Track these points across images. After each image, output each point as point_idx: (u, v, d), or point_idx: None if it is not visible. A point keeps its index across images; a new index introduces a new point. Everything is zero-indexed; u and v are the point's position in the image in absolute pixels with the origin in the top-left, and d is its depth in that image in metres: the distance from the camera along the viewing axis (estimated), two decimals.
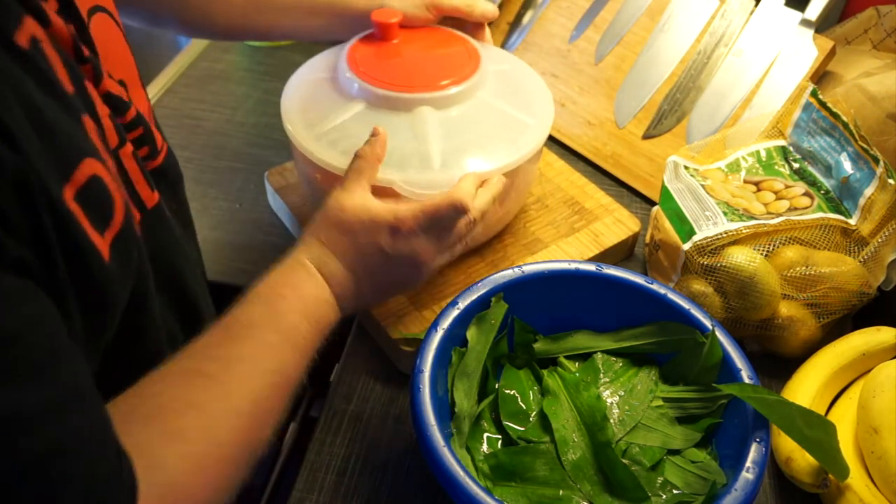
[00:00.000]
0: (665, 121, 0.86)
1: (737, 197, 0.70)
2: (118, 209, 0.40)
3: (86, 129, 0.39)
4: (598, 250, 0.73)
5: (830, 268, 0.64)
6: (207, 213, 0.83)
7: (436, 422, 0.49)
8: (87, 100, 0.41)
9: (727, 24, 0.86)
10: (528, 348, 0.61)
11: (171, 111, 0.99)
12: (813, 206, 0.69)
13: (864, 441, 0.56)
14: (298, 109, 0.66)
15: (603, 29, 0.93)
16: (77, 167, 0.36)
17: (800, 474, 0.55)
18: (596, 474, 0.54)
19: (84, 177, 0.36)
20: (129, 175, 0.46)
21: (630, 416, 0.58)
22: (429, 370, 0.52)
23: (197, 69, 1.08)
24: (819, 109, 0.72)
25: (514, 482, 0.53)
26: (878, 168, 0.66)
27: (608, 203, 0.78)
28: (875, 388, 0.56)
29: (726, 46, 0.85)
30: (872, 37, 0.88)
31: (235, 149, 0.93)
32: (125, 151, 0.45)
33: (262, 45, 1.13)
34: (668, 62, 0.88)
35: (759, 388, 0.52)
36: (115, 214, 0.39)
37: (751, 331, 0.66)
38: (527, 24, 0.99)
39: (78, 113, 0.38)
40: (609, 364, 0.61)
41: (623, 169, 0.87)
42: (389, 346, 0.65)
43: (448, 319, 0.55)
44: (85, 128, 0.39)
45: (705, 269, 0.65)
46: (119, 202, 0.40)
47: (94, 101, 0.42)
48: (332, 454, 0.60)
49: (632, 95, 0.89)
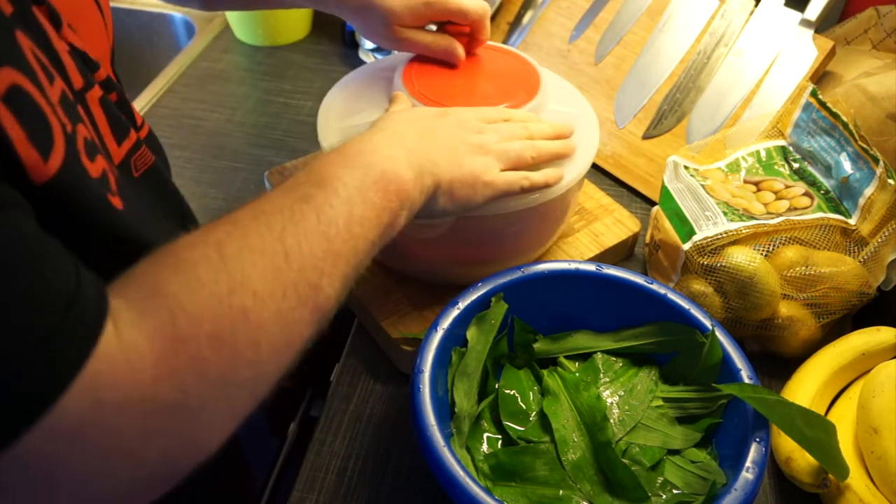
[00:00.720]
0: (665, 121, 0.86)
1: (737, 197, 0.70)
2: (57, 138, 0.36)
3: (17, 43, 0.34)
4: (598, 250, 0.73)
5: (830, 268, 0.64)
6: (207, 214, 0.83)
7: (436, 422, 0.49)
8: (31, 22, 0.37)
9: (727, 24, 0.86)
10: (528, 348, 0.61)
11: (171, 111, 0.99)
12: (813, 206, 0.69)
13: (864, 441, 0.56)
14: (340, 101, 0.66)
15: (603, 29, 0.93)
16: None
17: (800, 474, 0.55)
18: (596, 474, 0.54)
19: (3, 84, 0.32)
20: (95, 119, 0.43)
21: (630, 416, 0.58)
22: (429, 370, 0.52)
23: (197, 69, 1.08)
24: (819, 109, 0.72)
25: (514, 482, 0.53)
26: (877, 168, 0.66)
27: (608, 203, 0.78)
28: (875, 388, 0.56)
29: (726, 46, 0.85)
30: (872, 37, 0.88)
31: (235, 149, 0.93)
32: (92, 95, 0.43)
33: (262, 45, 1.14)
34: (668, 62, 0.88)
35: (759, 388, 0.52)
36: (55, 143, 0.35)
37: (751, 331, 0.66)
38: (527, 24, 0.99)
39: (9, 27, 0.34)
40: (609, 364, 0.61)
41: (623, 169, 0.87)
42: (390, 346, 0.65)
43: (448, 319, 0.55)
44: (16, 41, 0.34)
45: (705, 269, 0.65)
46: (58, 131, 0.36)
47: (44, 29, 0.38)
48: (332, 454, 0.60)
49: (632, 95, 0.89)
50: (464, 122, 0.56)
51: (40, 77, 0.35)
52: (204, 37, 1.15)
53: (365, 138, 0.50)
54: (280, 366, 0.39)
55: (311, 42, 1.15)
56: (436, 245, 0.63)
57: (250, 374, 0.37)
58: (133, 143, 0.48)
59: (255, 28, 1.13)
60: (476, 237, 0.63)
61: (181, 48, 1.15)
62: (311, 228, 0.41)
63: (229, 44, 1.14)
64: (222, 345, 0.35)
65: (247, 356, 0.36)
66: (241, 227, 0.40)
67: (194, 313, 0.35)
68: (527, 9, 1.00)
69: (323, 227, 0.42)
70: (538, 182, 0.57)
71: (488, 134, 0.56)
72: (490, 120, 0.59)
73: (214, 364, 0.35)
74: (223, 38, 1.15)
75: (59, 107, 0.37)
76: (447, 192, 0.52)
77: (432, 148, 0.52)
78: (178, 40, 1.23)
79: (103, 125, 0.45)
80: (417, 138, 0.52)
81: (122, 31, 1.25)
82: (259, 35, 1.13)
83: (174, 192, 0.56)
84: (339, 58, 1.10)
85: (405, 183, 0.48)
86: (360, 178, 0.46)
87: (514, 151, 0.57)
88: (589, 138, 0.65)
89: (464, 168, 0.53)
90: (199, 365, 0.34)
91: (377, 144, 0.50)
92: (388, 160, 0.48)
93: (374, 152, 0.48)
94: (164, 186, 0.54)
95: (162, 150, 0.57)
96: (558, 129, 0.62)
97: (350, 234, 0.43)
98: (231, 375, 0.36)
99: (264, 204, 0.42)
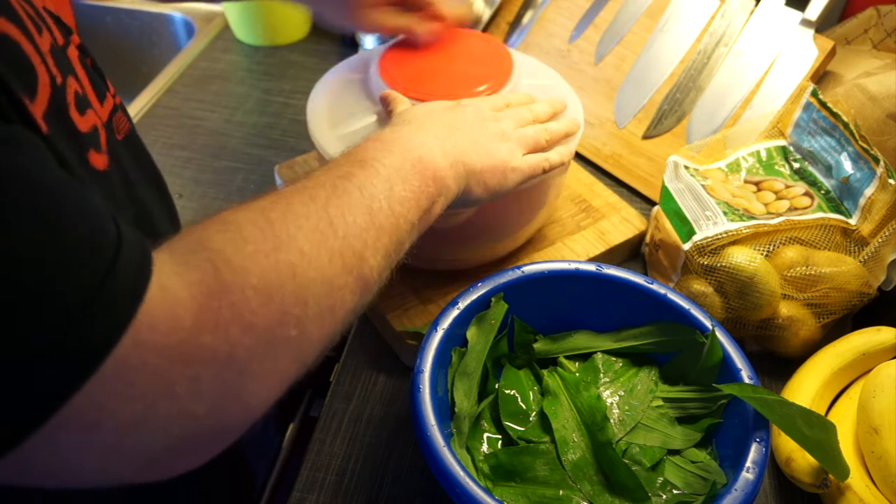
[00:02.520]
0: (665, 121, 0.86)
1: (737, 197, 0.70)
2: (42, 85, 0.35)
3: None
4: (604, 248, 0.73)
5: (830, 268, 0.64)
6: (207, 214, 0.82)
7: (436, 422, 0.49)
8: None
9: (727, 24, 0.86)
10: (528, 348, 0.61)
11: (170, 111, 0.99)
12: (813, 206, 0.68)
13: (864, 441, 0.56)
14: (324, 109, 0.66)
15: (603, 29, 0.93)
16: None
17: (800, 474, 0.55)
18: (596, 474, 0.54)
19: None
20: (78, 76, 0.43)
21: (630, 416, 0.57)
22: (429, 370, 0.52)
23: (197, 69, 1.08)
24: (819, 109, 0.72)
25: (514, 482, 0.53)
26: (878, 168, 0.66)
27: (616, 202, 0.78)
28: (875, 388, 0.56)
29: (726, 46, 0.85)
30: (872, 37, 0.88)
31: (235, 149, 0.93)
32: (72, 53, 0.42)
33: (261, 45, 1.13)
34: (668, 62, 0.88)
35: (759, 388, 0.52)
36: (40, 90, 0.35)
37: (751, 331, 0.66)
38: (527, 24, 0.99)
39: None
40: (609, 364, 0.61)
41: (623, 169, 0.87)
42: (393, 339, 0.66)
43: (448, 319, 0.55)
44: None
45: (705, 269, 0.65)
46: (44, 78, 0.35)
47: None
48: (332, 454, 0.60)
49: (632, 95, 0.89)
50: (481, 111, 0.58)
51: (28, 26, 0.35)
52: (204, 37, 1.15)
53: (395, 129, 0.52)
54: (324, 332, 0.39)
55: (310, 42, 1.15)
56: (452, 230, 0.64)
57: (296, 334, 0.37)
58: (112, 105, 0.48)
59: (254, 28, 1.13)
60: (492, 218, 0.65)
61: (181, 48, 1.15)
62: (355, 201, 0.42)
63: (229, 44, 1.14)
64: (269, 299, 0.35)
65: (294, 313, 0.36)
66: (284, 197, 0.40)
67: (239, 265, 0.35)
68: (527, 9, 1.00)
69: (366, 200, 0.43)
70: (556, 162, 0.60)
71: (505, 121, 0.58)
72: (497, 108, 0.60)
73: (261, 317, 0.35)
74: (223, 38, 1.15)
75: (49, 56, 0.36)
76: (480, 181, 0.54)
77: (461, 139, 0.53)
78: (178, 40, 1.23)
79: (86, 83, 0.44)
80: (446, 130, 0.53)
81: (122, 31, 1.25)
82: (259, 35, 1.13)
83: (150, 159, 0.56)
84: (339, 58, 1.09)
85: (441, 170, 0.49)
86: (400, 161, 0.47)
87: (531, 136, 0.59)
88: (573, 106, 0.68)
89: (493, 156, 0.55)
90: (245, 317, 0.34)
91: (411, 133, 0.51)
92: (423, 147, 0.50)
93: (409, 139, 0.50)
94: (142, 152, 0.54)
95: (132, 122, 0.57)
96: (554, 105, 0.65)
97: (392, 212, 0.44)
98: (278, 331, 0.36)
99: (305, 181, 0.43)
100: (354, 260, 0.40)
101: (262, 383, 0.36)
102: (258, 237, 0.37)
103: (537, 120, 0.61)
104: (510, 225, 0.68)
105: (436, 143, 0.51)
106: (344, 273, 0.39)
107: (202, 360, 0.32)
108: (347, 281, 0.40)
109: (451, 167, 0.50)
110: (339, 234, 0.40)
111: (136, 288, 0.31)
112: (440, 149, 0.51)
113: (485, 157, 0.54)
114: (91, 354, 0.29)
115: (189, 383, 0.32)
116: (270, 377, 0.36)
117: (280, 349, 0.36)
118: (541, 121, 0.62)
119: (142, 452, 0.32)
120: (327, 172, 0.44)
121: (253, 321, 0.34)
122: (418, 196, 0.47)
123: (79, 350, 0.28)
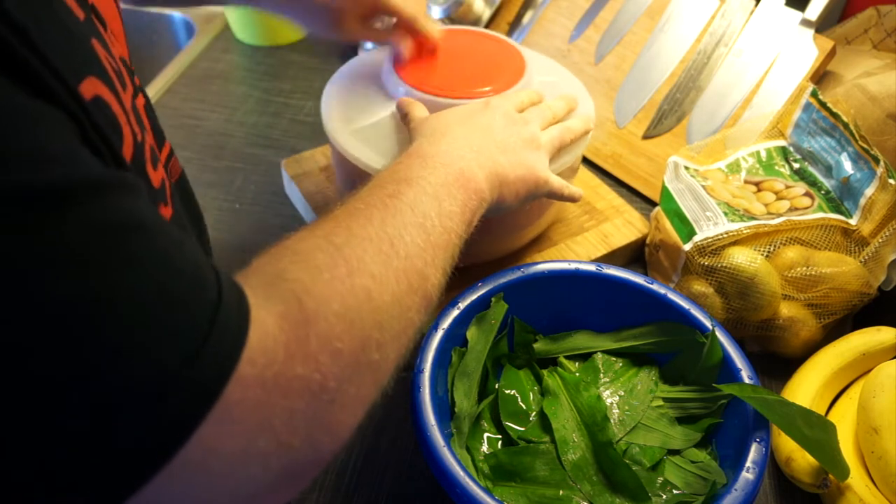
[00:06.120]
0: (665, 121, 0.86)
1: (737, 197, 0.70)
2: (127, 145, 0.35)
3: (95, 52, 0.34)
4: (606, 250, 0.73)
5: (831, 268, 0.64)
6: (207, 213, 0.81)
7: (436, 422, 0.49)
8: (95, 30, 0.36)
9: (727, 24, 0.86)
10: (528, 348, 0.61)
11: (171, 111, 0.99)
12: (813, 206, 0.68)
13: (864, 441, 0.56)
14: (338, 104, 0.67)
15: (603, 29, 0.93)
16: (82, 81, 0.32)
17: (800, 474, 0.55)
18: (596, 474, 0.54)
19: (89, 93, 0.32)
20: (145, 127, 0.42)
21: (630, 416, 0.57)
22: (429, 370, 0.52)
23: (197, 69, 1.08)
24: (819, 109, 0.72)
25: (514, 482, 0.53)
26: (878, 168, 0.66)
27: (619, 205, 0.78)
28: (875, 388, 0.56)
29: (726, 46, 0.85)
30: (872, 37, 0.88)
31: (235, 149, 0.93)
32: (139, 102, 0.42)
33: (261, 45, 1.13)
34: (668, 62, 0.88)
35: (759, 388, 0.52)
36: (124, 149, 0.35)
37: (751, 331, 0.66)
38: (527, 24, 0.99)
39: (87, 35, 0.34)
40: (609, 364, 0.61)
41: (623, 169, 0.87)
42: None
43: (448, 319, 0.55)
44: (94, 50, 0.34)
45: (706, 269, 0.65)
46: (128, 138, 0.36)
47: (104, 36, 0.37)
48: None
49: (632, 95, 0.89)
50: (509, 114, 0.58)
51: (115, 83, 0.35)
52: (204, 37, 1.15)
53: (432, 142, 0.52)
54: (398, 353, 0.40)
55: (310, 42, 1.15)
56: None
57: (377, 358, 0.37)
58: (169, 149, 0.49)
59: (254, 28, 1.12)
60: (505, 216, 0.65)
61: (181, 48, 1.15)
62: (409, 220, 0.43)
63: (229, 44, 1.14)
64: (352, 325, 0.35)
65: (374, 336, 0.37)
66: (342, 221, 0.41)
67: (319, 294, 0.35)
68: (527, 9, 1.00)
69: (419, 218, 0.43)
70: (576, 193, 0.62)
71: (533, 123, 0.59)
72: (521, 106, 0.61)
73: (347, 343, 0.35)
74: (223, 39, 1.15)
75: (131, 113, 0.37)
76: (512, 190, 0.55)
77: (494, 148, 0.54)
78: (178, 40, 1.23)
79: (150, 135, 0.44)
80: (480, 139, 0.54)
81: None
82: (259, 35, 1.13)
83: (194, 198, 0.58)
84: (339, 58, 1.10)
85: (480, 182, 0.50)
86: (443, 177, 0.48)
87: (557, 139, 0.60)
88: (583, 102, 0.68)
89: (525, 166, 0.56)
90: (332, 344, 0.34)
91: (448, 146, 0.52)
92: (461, 160, 0.51)
93: (447, 153, 0.51)
94: (189, 193, 0.54)
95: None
96: (569, 101, 0.65)
97: (443, 228, 0.45)
98: (362, 356, 0.36)
99: (355, 202, 0.43)
100: (418, 279, 0.41)
101: (348, 411, 0.36)
102: (330, 264, 0.37)
103: (556, 118, 0.62)
104: (519, 224, 0.69)
105: (472, 156, 0.52)
106: (410, 293, 0.40)
107: (297, 392, 0.32)
108: (415, 300, 0.41)
109: (486, 179, 0.51)
110: (402, 255, 0.41)
111: (241, 325, 0.31)
112: (476, 161, 0.51)
113: (518, 168, 0.55)
114: (207, 394, 0.29)
115: (286, 415, 0.32)
116: (355, 404, 0.37)
117: (364, 374, 0.37)
118: (559, 119, 0.63)
119: (242, 489, 0.32)
120: (375, 192, 0.45)
121: (339, 348, 0.35)
122: (463, 210, 0.48)
123: (198, 389, 0.29)
